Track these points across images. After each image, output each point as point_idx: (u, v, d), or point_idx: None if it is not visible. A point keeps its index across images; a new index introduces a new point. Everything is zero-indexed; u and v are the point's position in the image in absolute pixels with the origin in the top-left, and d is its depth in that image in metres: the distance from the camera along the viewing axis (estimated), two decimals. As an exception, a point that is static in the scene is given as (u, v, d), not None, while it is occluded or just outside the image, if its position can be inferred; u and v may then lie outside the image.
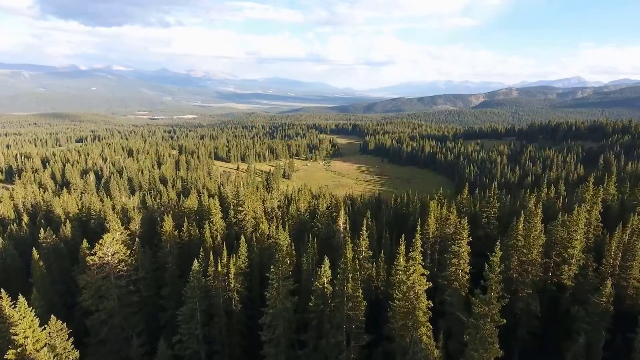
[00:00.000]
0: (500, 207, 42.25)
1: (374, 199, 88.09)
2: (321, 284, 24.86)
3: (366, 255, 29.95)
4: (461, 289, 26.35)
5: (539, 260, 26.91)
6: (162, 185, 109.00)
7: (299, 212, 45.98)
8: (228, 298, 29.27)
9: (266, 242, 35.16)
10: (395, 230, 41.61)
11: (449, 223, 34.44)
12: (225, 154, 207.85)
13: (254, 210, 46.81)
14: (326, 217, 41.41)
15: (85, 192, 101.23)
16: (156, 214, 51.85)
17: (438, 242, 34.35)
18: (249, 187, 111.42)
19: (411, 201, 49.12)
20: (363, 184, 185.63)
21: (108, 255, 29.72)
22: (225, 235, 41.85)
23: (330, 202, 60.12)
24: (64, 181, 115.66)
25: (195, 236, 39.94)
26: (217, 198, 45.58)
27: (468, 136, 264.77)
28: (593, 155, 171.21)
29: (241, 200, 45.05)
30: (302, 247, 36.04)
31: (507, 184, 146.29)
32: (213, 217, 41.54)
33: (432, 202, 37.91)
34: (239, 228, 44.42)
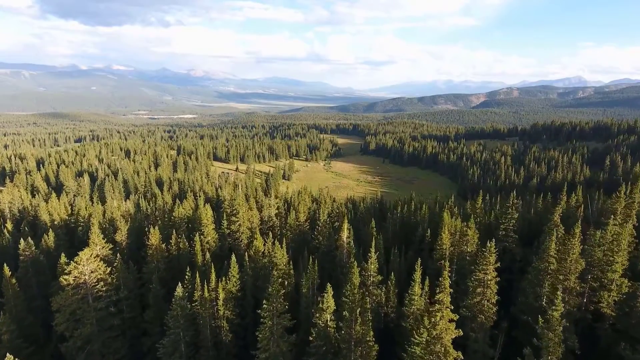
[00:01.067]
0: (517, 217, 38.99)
1: (376, 202, 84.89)
2: (324, 321, 21.62)
3: (375, 281, 26.70)
4: (487, 322, 23.13)
5: (577, 288, 23.59)
6: (157, 188, 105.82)
7: (299, 223, 42.81)
8: (217, 327, 26.13)
9: (261, 260, 31.93)
10: (403, 241, 38.51)
11: (467, 240, 31.08)
12: (224, 155, 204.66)
13: (249, 220, 43.66)
14: (327, 227, 38.27)
15: (78, 195, 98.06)
16: (145, 222, 48.68)
17: (455, 261, 30.94)
18: (249, 189, 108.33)
19: (419, 209, 45.94)
20: (364, 185, 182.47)
21: (85, 274, 26.60)
22: (218, 247, 38.75)
23: (332, 208, 57.02)
24: (58, 183, 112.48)
25: (184, 249, 36.77)
26: (209, 207, 42.22)
27: (470, 136, 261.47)
28: (598, 156, 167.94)
29: (235, 210, 41.87)
30: (302, 262, 32.94)
31: (511, 186, 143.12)
32: (204, 228, 38.38)
33: (445, 213, 34.57)
34: (233, 240, 41.27)
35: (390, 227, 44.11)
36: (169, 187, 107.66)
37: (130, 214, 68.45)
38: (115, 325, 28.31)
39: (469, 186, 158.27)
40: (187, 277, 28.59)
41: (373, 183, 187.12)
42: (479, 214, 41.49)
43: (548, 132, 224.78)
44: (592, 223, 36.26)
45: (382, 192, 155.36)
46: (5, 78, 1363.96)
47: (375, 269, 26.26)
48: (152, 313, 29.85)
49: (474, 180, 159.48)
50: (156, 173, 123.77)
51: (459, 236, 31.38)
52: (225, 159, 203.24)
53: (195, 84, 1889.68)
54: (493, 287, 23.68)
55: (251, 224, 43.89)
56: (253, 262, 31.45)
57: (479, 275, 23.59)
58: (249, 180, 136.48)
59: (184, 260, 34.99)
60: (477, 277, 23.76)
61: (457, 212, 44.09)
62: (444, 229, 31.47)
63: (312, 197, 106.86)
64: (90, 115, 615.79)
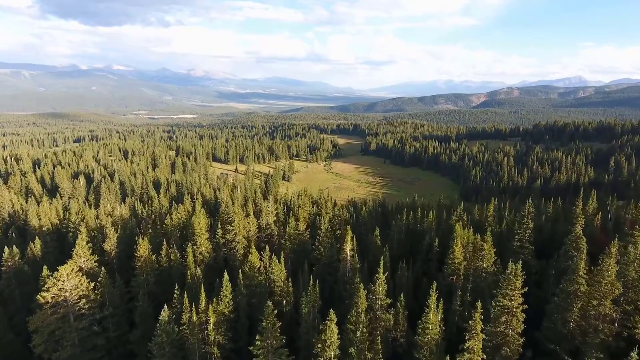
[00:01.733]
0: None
1: (379, 205, 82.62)
2: (327, 358, 19.30)
3: (383, 304, 24.34)
4: (512, 354, 20.75)
5: (612, 314, 21.15)
6: (154, 190, 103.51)
7: (298, 232, 40.46)
8: (207, 353, 23.88)
9: (256, 278, 29.53)
10: (409, 250, 36.22)
11: (483, 255, 28.70)
12: (223, 155, 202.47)
13: (245, 229, 41.37)
14: (329, 237, 36.01)
15: (73, 197, 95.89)
16: (137, 230, 46.29)
17: (470, 279, 28.53)
18: (248, 191, 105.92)
19: (425, 216, 43.59)
20: (365, 186, 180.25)
21: (66, 291, 24.40)
22: (212, 258, 36.50)
23: (333, 214, 54.70)
24: (54, 185, 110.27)
25: (175, 261, 34.49)
26: (202, 214, 39.84)
27: (471, 136, 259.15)
28: (602, 157, 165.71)
29: (230, 218, 39.61)
30: (302, 276, 30.71)
31: (514, 187, 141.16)
32: (197, 237, 36.10)
33: (456, 225, 32.16)
34: (229, 250, 39.01)
35: (395, 236, 41.87)
36: (166, 189, 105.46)
37: (124, 218, 66.27)
38: (99, 345, 26.19)
39: (471, 187, 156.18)
40: (176, 295, 26.36)
41: (374, 184, 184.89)
42: (490, 222, 39.18)
43: (550, 132, 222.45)
44: (611, 233, 34.01)
45: (384, 193, 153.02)
46: (5, 78, 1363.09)
47: (384, 291, 23.92)
48: (140, 332, 27.63)
49: (477, 181, 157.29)
50: (154, 174, 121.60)
51: (473, 250, 29.11)
52: (224, 159, 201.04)
53: (195, 84, 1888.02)
54: (519, 315, 20.96)
55: (248, 233, 41.61)
56: (248, 279, 29.13)
57: (503, 302, 21.07)
58: (248, 181, 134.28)
59: (176, 272, 32.80)
60: (500, 303, 21.23)
61: (466, 219, 41.57)
62: (455, 241, 29.19)
63: (312, 199, 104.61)
64: (90, 116, 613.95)
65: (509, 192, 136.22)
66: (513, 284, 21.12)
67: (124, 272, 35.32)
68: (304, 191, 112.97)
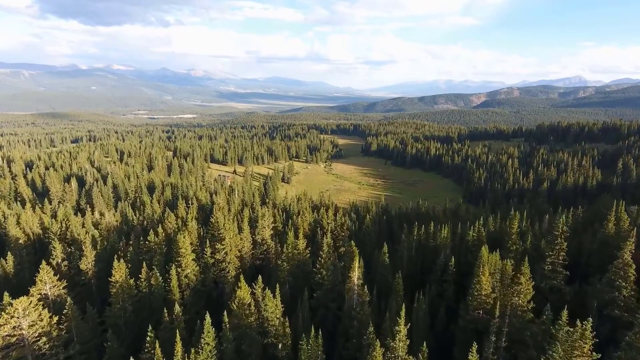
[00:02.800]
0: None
1: (382, 212, 78.97)
2: None
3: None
4: None
5: None
6: (148, 194, 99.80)
7: (297, 251, 36.47)
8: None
9: (247, 318, 25.49)
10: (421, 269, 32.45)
11: (520, 290, 24.51)
12: (221, 157, 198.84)
13: (237, 247, 37.69)
14: (332, 258, 32.26)
15: (63, 202, 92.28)
16: (119, 245, 42.34)
17: (507, 321, 23.99)
18: (246, 194, 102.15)
19: (439, 230, 39.51)
20: (366, 188, 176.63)
21: (22, 329, 20.83)
22: (200, 281, 32.80)
23: (335, 225, 50.95)
24: (45, 189, 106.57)
25: (157, 286, 30.78)
26: (187, 234, 35.99)
27: (473, 137, 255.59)
28: (609, 159, 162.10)
29: (221, 234, 35.79)
30: (301, 307, 27.05)
31: (520, 191, 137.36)
32: (182, 258, 32.34)
33: (483, 248, 28.04)
34: (219, 270, 35.23)
35: (405, 253, 38.15)
36: (161, 193, 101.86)
37: (114, 226, 62.66)
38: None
39: (475, 190, 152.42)
40: (149, 339, 22.58)
41: (375, 186, 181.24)
42: (515, 241, 35.23)
43: (555, 133, 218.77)
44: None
45: (385, 195, 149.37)
46: (5, 78, 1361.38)
47: (405, 347, 20.07)
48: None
49: (481, 183, 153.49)
50: (149, 177, 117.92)
51: (501, 277, 25.31)
52: (222, 160, 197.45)
53: (195, 83, 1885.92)
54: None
55: (241, 250, 37.91)
56: (236, 318, 25.24)
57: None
58: (246, 184, 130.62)
59: (158, 299, 29.14)
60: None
61: (483, 231, 37.62)
62: (482, 269, 25.25)
63: (313, 203, 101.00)
64: (89, 115, 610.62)
65: (515, 195, 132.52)
66: (580, 348, 16.70)
67: (105, 292, 31.73)
68: (304, 195, 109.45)
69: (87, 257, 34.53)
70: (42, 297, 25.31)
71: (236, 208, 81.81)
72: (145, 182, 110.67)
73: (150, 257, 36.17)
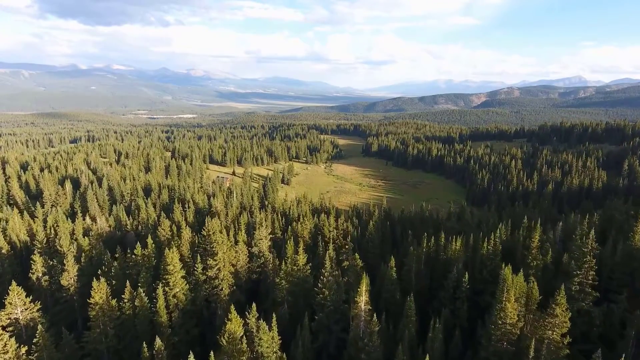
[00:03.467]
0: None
1: (385, 216, 76.47)
2: None
3: None
4: None
5: None
6: (144, 197, 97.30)
7: (297, 267, 33.70)
8: None
9: (237, 357, 22.88)
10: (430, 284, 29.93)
11: (555, 322, 21.59)
12: (220, 158, 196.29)
13: (231, 263, 35.04)
14: (335, 275, 29.73)
15: (56, 205, 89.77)
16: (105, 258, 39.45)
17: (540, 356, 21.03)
18: (245, 197, 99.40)
19: (450, 242, 36.66)
20: (367, 190, 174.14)
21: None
22: (190, 300, 30.22)
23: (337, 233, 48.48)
24: (39, 192, 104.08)
25: (143, 307, 28.22)
26: (175, 250, 33.26)
27: (475, 137, 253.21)
28: (613, 160, 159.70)
29: (213, 249, 33.19)
30: (301, 333, 24.56)
31: (524, 192, 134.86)
32: (170, 277, 29.75)
33: (506, 269, 25.18)
34: (211, 288, 32.64)
35: (413, 266, 35.55)
36: (157, 195, 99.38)
37: (106, 232, 60.25)
38: None
39: (478, 192, 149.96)
40: None
41: (376, 187, 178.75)
42: (534, 256, 32.52)
43: (557, 133, 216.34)
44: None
45: (387, 197, 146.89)
46: (5, 78, 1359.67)
47: None
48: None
49: (484, 185, 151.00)
50: (145, 179, 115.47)
51: (527, 303, 22.76)
52: (221, 161, 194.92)
53: (195, 83, 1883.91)
54: None
55: (235, 265, 35.25)
56: (226, 355, 22.57)
57: None
58: (245, 186, 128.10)
59: (143, 321, 26.57)
60: None
61: (499, 244, 34.88)
62: (507, 294, 22.32)
63: (313, 206, 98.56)
64: (88, 115, 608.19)
65: (519, 197, 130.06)
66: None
67: (85, 313, 29.15)
68: (304, 198, 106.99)
69: (68, 271, 32.08)
70: (12, 322, 22.88)
71: (234, 212, 79.39)
72: (141, 185, 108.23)
73: (137, 271, 33.67)
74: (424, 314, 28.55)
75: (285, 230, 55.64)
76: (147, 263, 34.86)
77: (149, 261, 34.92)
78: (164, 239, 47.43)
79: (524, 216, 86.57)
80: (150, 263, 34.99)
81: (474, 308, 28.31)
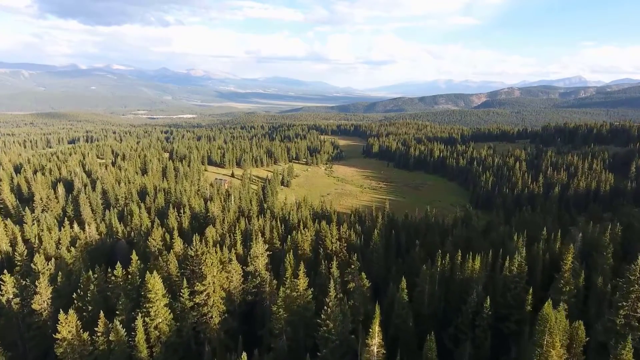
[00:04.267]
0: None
1: (389, 223, 73.35)
2: None
3: None
4: None
5: None
6: (139, 201, 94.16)
7: (297, 293, 30.01)
8: None
9: None
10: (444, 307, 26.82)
11: None
12: (219, 159, 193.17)
13: (222, 285, 31.67)
14: (340, 300, 26.66)
15: (47, 210, 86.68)
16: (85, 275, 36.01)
17: None
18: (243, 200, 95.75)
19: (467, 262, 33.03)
20: (369, 192, 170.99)
21: None
22: (174, 332, 27.07)
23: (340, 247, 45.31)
24: (30, 195, 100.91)
25: (120, 340, 25.06)
26: (157, 276, 29.71)
27: (477, 138, 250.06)
28: (619, 161, 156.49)
29: (202, 271, 29.79)
30: None
31: (530, 195, 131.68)
32: (152, 305, 26.44)
33: (547, 305, 21.87)
34: (200, 316, 29.31)
35: (426, 288, 32.31)
36: (153, 199, 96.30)
37: (95, 239, 57.16)
38: None
39: (482, 194, 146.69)
40: None
41: (378, 189, 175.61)
42: (567, 279, 29.04)
43: (561, 134, 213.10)
44: None
45: (389, 199, 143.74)
46: (5, 77, 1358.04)
47: None
48: None
49: (488, 187, 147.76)
50: (141, 181, 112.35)
51: (571, 346, 19.64)
52: (220, 163, 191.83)
53: (195, 83, 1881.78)
54: None
55: (228, 286, 31.87)
56: None
57: None
58: (244, 188, 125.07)
59: (120, 356, 23.52)
60: None
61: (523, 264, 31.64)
62: (550, 337, 19.02)
63: (313, 211, 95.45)
64: (88, 115, 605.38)
65: (525, 200, 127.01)
66: None
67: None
68: (304, 202, 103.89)
69: (41, 294, 29.02)
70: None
71: (231, 218, 76.31)
72: (137, 188, 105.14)
73: (117, 294, 30.42)
74: (438, 341, 25.50)
75: (285, 239, 52.52)
76: (130, 284, 31.42)
77: (132, 280, 31.54)
78: (155, 249, 44.40)
79: (533, 222, 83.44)
80: (134, 282, 31.64)
81: (496, 336, 25.33)
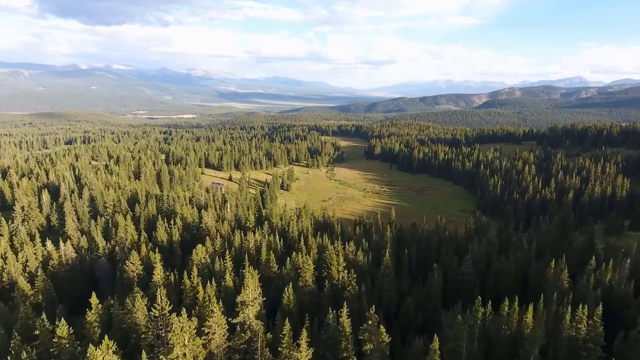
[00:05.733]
0: None
1: (396, 232, 67.37)
2: None
3: None
4: None
5: None
6: (125, 211, 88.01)
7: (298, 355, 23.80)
8: None
9: None
10: None
11: None
12: (217, 161, 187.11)
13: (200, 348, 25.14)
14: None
15: (28, 220, 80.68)
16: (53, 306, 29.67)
17: None
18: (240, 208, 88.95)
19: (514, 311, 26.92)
20: (372, 196, 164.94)
21: None
22: None
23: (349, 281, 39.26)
24: (14, 202, 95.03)
25: None
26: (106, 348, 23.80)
27: (481, 139, 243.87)
28: (633, 165, 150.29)
29: (169, 340, 22.45)
30: None
31: (542, 201, 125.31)
32: None
33: None
34: None
35: (463, 347, 26.28)
36: (143, 207, 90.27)
37: (71, 258, 51.15)
38: None
39: (490, 199, 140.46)
40: None
41: (381, 194, 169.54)
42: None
43: (570, 136, 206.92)
44: None
45: (393, 204, 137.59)
46: (5, 77, 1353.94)
47: None
48: None
49: (496, 192, 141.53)
50: (132, 187, 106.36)
51: None
52: (218, 165, 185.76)
53: (195, 83, 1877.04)
54: None
55: (208, 346, 25.57)
56: None
57: None
58: (241, 193, 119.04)
59: None
60: None
61: (598, 324, 25.25)
62: None
63: (315, 220, 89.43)
64: (87, 115, 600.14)
65: (537, 207, 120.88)
66: None
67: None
68: (304, 209, 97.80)
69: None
70: None
71: (226, 229, 70.32)
72: (127, 194, 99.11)
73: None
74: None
75: (283, 259, 46.61)
76: (79, 345, 25.21)
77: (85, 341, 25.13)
78: (134, 274, 38.53)
79: (551, 233, 77.13)
80: (92, 337, 25.56)
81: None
